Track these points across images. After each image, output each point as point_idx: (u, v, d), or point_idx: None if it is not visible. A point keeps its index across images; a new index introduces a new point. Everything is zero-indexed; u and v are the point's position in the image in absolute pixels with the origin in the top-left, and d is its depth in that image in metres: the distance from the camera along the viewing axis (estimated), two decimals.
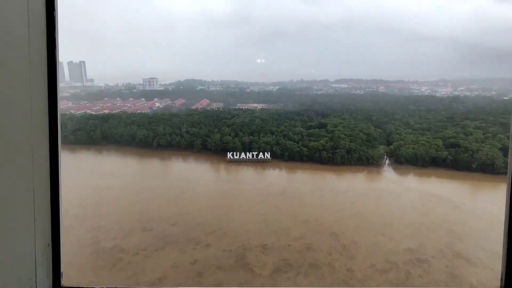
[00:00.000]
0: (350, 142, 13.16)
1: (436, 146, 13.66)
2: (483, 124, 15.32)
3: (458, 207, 11.11)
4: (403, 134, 13.95)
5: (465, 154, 13.86)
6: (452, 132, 14.43)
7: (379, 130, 14.01)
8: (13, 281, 0.45)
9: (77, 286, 0.58)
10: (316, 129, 13.48)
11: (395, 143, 13.69)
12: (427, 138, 13.92)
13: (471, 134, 14.56)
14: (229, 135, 12.81)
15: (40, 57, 0.56)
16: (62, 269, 0.57)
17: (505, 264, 0.60)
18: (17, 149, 0.46)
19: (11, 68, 0.48)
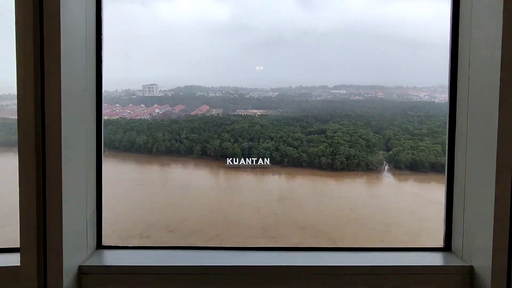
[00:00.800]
0: (350, 148, 14.00)
1: (436, 152, 14.46)
2: None
3: None
4: (402, 139, 15.08)
5: None
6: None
7: (378, 135, 15.48)
8: (72, 238, 0.64)
9: (114, 245, 0.77)
10: (316, 134, 14.49)
11: (394, 148, 14.62)
12: (427, 144, 14.80)
13: None
14: (229, 141, 13.35)
15: (91, 72, 0.77)
16: (102, 232, 0.77)
17: (444, 227, 0.72)
18: (78, 145, 0.70)
19: (75, 89, 0.69)
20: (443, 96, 4.07)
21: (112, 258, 0.74)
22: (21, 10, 0.60)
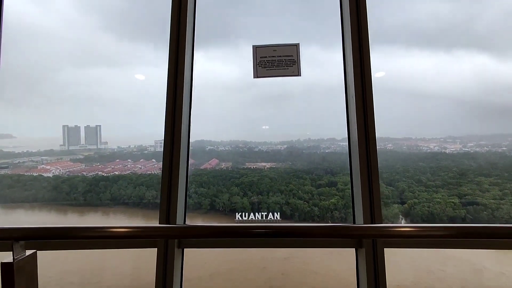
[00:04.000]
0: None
1: (453, 204, 13.92)
2: (499, 181, 15.95)
3: (479, 270, 10.13)
4: (417, 191, 14.75)
5: (485, 212, 13.79)
6: (468, 189, 15.11)
7: (391, 188, 15.25)
8: None
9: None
10: (326, 187, 14.42)
11: (409, 201, 14.23)
12: (442, 196, 14.40)
13: (488, 191, 14.93)
14: (238, 195, 13.35)
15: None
16: None
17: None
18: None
19: None
20: (454, 147, 4.03)
21: None
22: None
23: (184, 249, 1.36)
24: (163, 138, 1.62)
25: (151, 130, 3.05)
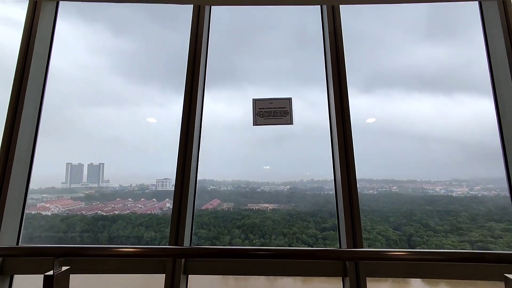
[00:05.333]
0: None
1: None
2: (511, 227, 15.41)
3: None
4: (425, 236, 14.22)
5: None
6: (479, 235, 14.53)
7: (398, 232, 14.73)
8: None
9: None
10: (331, 231, 14.02)
11: (417, 247, 13.67)
12: (452, 242, 13.85)
13: (500, 237, 14.36)
14: (239, 238, 13.09)
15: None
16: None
17: None
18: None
19: None
20: (460, 190, 3.96)
21: None
22: None
23: (189, 276, 1.54)
24: (176, 167, 2.03)
25: (154, 169, 3.05)
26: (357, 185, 1.69)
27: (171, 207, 1.92)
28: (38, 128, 2.19)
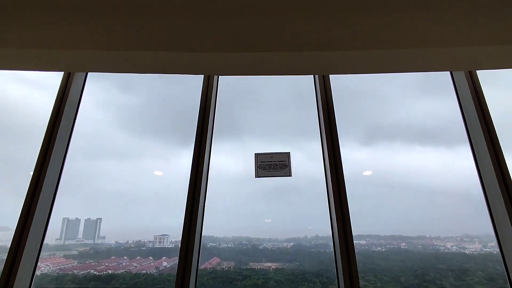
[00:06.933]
0: None
1: None
2: None
3: None
4: None
5: None
6: None
7: None
8: None
9: None
10: None
11: None
12: None
13: None
14: None
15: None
16: None
17: None
18: None
19: None
20: (473, 247, 3.77)
21: None
22: None
23: None
24: (183, 224, 2.08)
25: (152, 225, 2.96)
26: (364, 242, 1.68)
27: (167, 265, 1.82)
28: (58, 185, 2.24)
